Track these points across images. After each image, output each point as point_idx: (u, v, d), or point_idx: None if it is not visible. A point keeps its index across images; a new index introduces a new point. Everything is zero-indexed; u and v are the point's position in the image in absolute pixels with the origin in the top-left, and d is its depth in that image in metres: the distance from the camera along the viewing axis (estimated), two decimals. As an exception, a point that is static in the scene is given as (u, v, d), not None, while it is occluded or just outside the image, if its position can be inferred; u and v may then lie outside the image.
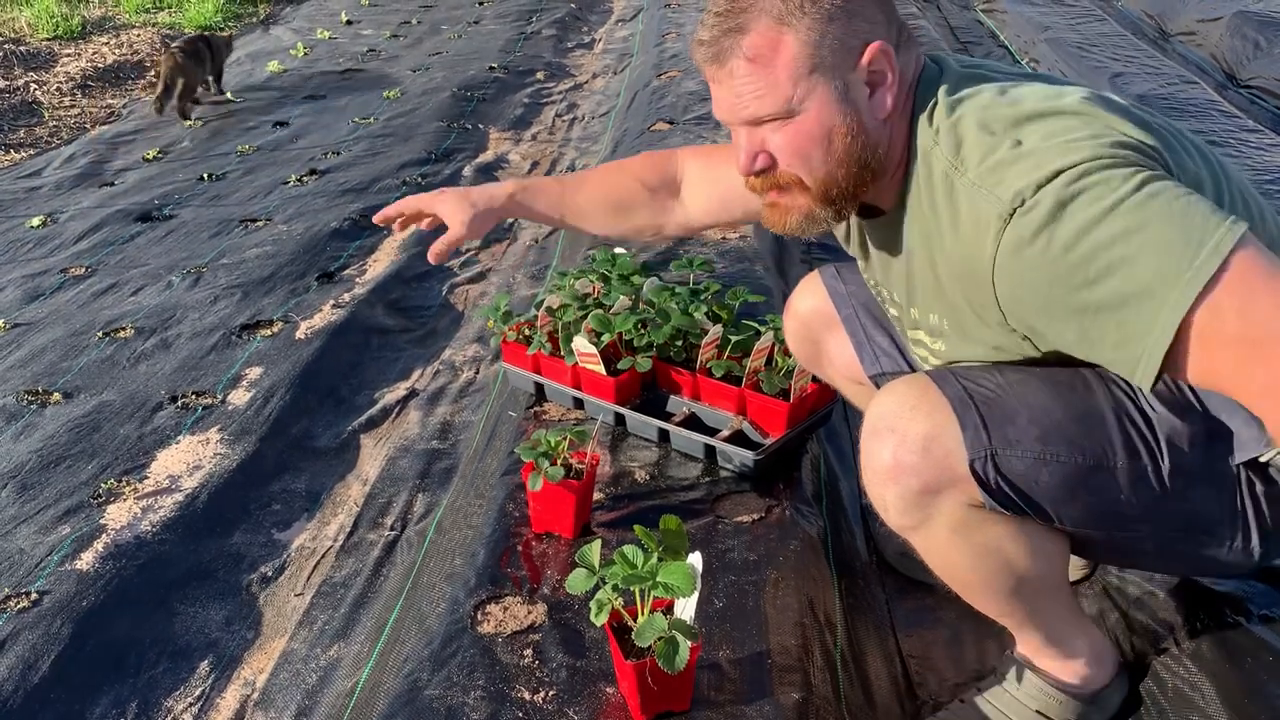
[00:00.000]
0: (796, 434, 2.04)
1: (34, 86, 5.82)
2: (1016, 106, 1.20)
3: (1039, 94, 1.22)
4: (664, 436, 2.09)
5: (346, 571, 2.15)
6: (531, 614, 1.66)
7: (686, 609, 1.38)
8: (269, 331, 3.01)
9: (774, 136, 1.26)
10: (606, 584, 1.39)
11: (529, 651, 1.57)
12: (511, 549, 1.82)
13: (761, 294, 2.50)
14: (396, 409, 2.73)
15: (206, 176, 4.37)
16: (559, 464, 1.79)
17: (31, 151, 4.92)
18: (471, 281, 3.46)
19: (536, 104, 5.37)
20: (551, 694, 1.48)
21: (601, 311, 2.21)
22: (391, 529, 2.27)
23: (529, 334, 2.31)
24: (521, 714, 1.45)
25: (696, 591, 1.36)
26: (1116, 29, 5.80)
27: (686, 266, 2.41)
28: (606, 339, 2.17)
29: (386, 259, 3.52)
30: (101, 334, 3.00)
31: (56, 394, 2.69)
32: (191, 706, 1.82)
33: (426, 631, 1.67)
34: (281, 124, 5.04)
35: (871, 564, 2.01)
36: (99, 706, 1.79)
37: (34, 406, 2.65)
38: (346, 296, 3.22)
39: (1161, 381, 1.11)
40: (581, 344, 2.14)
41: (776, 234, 1.43)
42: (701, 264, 2.42)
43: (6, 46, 6.42)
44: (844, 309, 1.71)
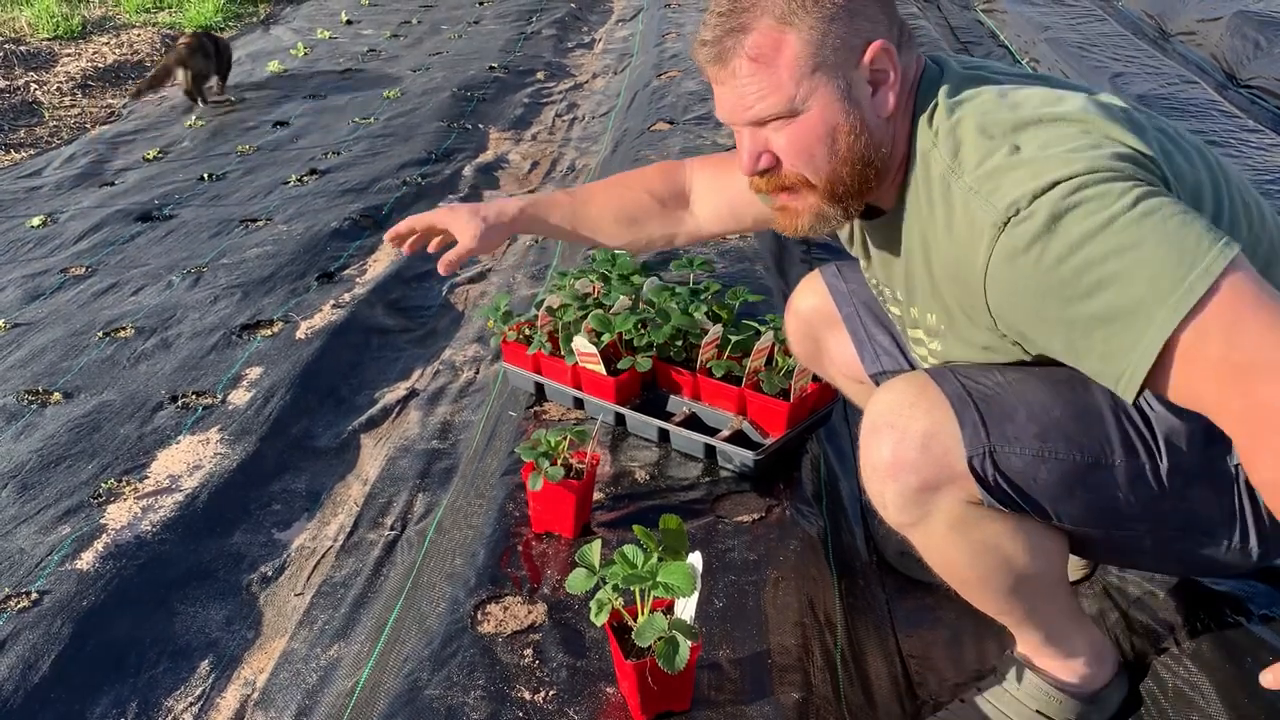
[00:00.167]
0: (797, 434, 2.04)
1: (34, 86, 5.82)
2: (1016, 111, 1.20)
3: (1039, 98, 1.22)
4: (664, 436, 2.09)
5: (347, 571, 2.15)
6: (532, 614, 1.66)
7: (686, 609, 1.38)
8: (269, 331, 3.01)
9: (777, 136, 1.26)
10: (606, 584, 1.39)
11: (529, 651, 1.57)
12: (512, 549, 1.82)
13: (761, 294, 2.50)
14: (397, 409, 2.73)
15: (207, 176, 4.37)
16: (559, 464, 1.79)
17: (32, 151, 4.92)
18: (471, 281, 3.47)
19: (536, 104, 5.37)
20: (552, 694, 1.48)
21: (601, 311, 2.21)
22: (392, 529, 2.27)
23: (529, 334, 2.31)
24: (522, 714, 1.45)
25: (696, 591, 1.36)
26: (1117, 29, 5.80)
27: (686, 266, 2.41)
28: (606, 339, 2.17)
29: (386, 259, 3.53)
30: (102, 334, 3.00)
31: (57, 394, 2.69)
32: (192, 706, 1.82)
33: (427, 631, 1.67)
34: (282, 124, 5.04)
35: (871, 564, 2.01)
36: (99, 706, 1.79)
37: (34, 406, 2.65)
38: (346, 296, 3.22)
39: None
40: (581, 344, 2.14)
41: (779, 234, 1.43)
42: (701, 264, 2.42)
43: (7, 46, 6.42)
44: (845, 307, 1.71)
